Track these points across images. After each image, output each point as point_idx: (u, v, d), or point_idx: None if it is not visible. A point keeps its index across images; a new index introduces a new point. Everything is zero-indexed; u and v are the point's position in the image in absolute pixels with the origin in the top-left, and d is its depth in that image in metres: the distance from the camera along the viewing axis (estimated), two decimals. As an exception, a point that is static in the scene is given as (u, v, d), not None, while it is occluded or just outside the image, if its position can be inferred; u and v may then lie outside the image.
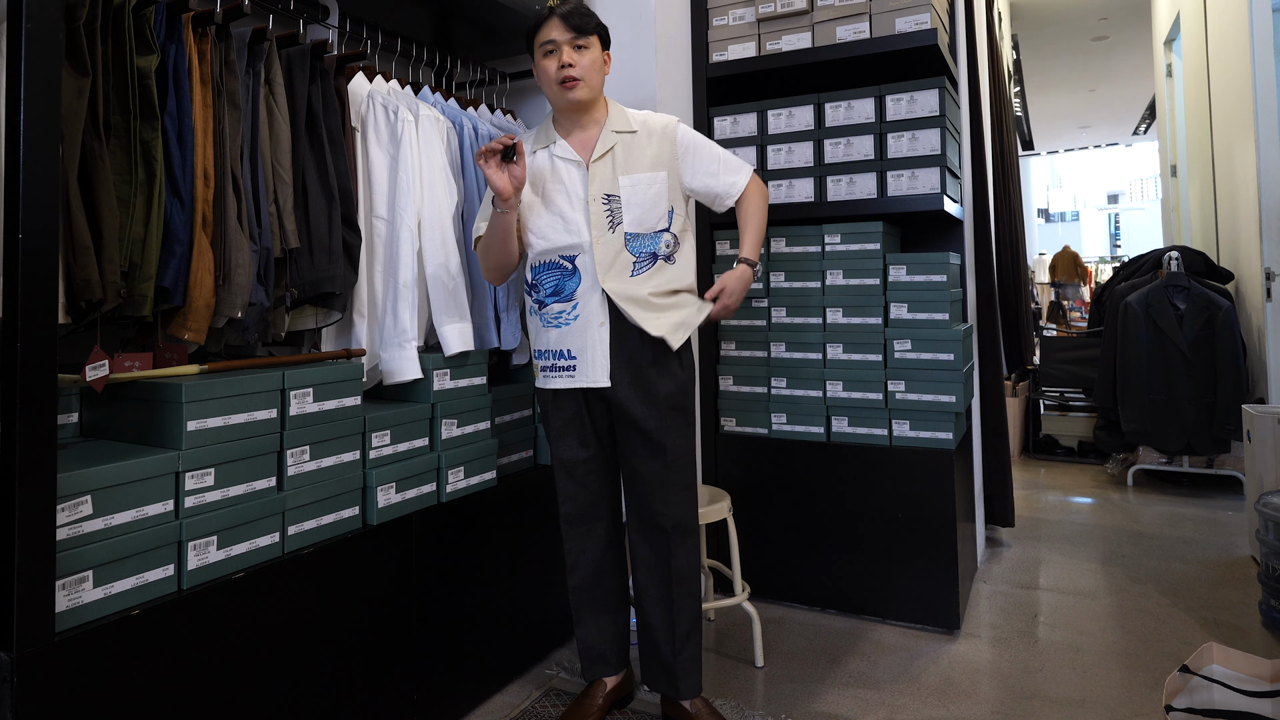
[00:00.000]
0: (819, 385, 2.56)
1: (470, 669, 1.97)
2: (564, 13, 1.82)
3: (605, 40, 1.91)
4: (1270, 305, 3.48)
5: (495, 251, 1.85)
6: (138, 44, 1.44)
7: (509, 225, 1.82)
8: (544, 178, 1.88)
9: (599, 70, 1.87)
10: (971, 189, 3.11)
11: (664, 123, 1.92)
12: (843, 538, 2.52)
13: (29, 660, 1.14)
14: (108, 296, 1.38)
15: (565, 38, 1.82)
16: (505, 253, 1.86)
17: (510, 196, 1.76)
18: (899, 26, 2.48)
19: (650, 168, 1.86)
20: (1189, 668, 1.79)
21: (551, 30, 1.83)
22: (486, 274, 1.94)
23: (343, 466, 1.69)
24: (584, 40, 1.83)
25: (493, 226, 1.82)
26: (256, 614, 1.47)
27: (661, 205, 1.85)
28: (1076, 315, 8.59)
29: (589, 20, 1.84)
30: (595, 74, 1.85)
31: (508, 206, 1.78)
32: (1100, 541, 3.27)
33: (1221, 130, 4.45)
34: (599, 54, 1.87)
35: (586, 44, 1.84)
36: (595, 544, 1.93)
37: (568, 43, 1.82)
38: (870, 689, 2.08)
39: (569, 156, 1.87)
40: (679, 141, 1.91)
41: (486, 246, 1.87)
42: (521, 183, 1.78)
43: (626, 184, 1.84)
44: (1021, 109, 9.08)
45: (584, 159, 1.86)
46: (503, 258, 1.87)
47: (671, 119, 1.94)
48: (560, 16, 1.82)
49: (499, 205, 1.78)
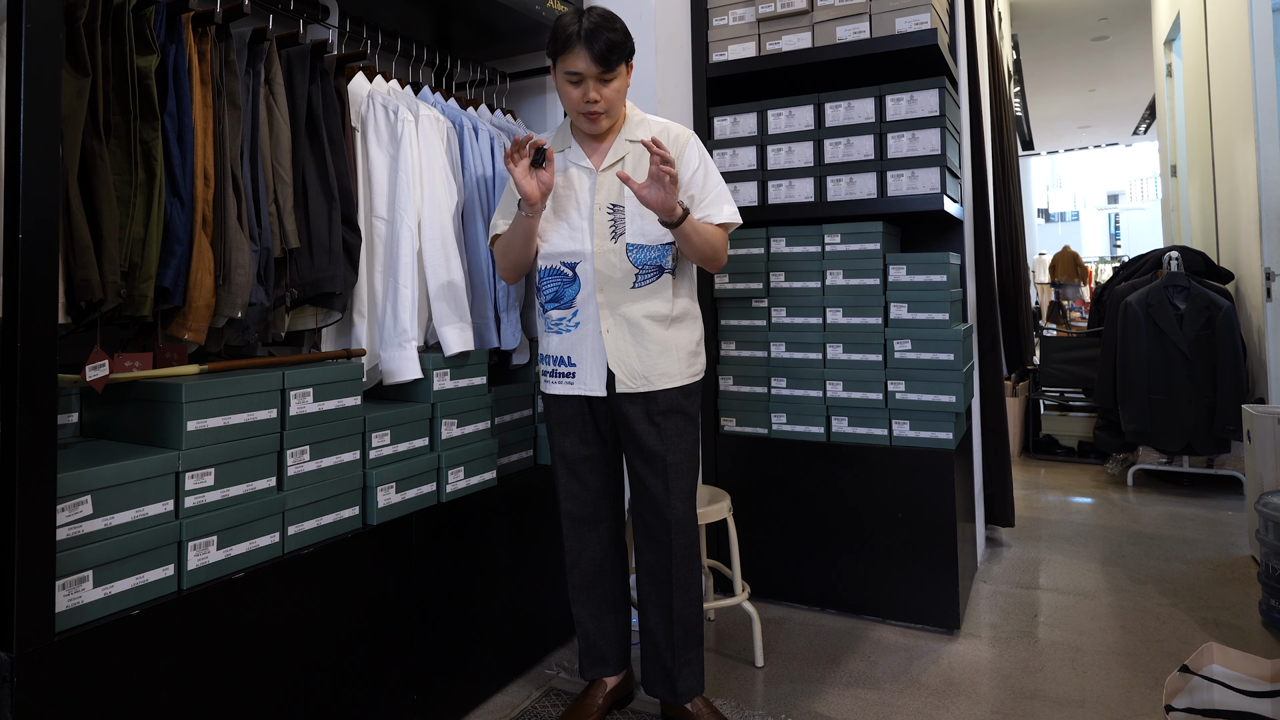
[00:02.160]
0: (819, 385, 2.56)
1: (470, 669, 1.97)
2: (595, 50, 1.68)
3: (631, 58, 1.80)
4: (1270, 305, 3.48)
5: (515, 253, 1.84)
6: (138, 44, 1.44)
7: (531, 229, 1.80)
8: (557, 184, 1.86)
9: (623, 94, 1.81)
10: (971, 189, 3.11)
11: (678, 134, 1.88)
12: (843, 538, 2.52)
13: (29, 660, 1.14)
14: (108, 296, 1.38)
15: (594, 72, 1.71)
16: (525, 254, 1.84)
17: (537, 201, 1.74)
18: (899, 26, 2.48)
19: None
20: (1189, 668, 1.79)
21: (578, 61, 1.70)
22: (503, 273, 1.91)
23: (343, 466, 1.69)
24: (612, 74, 1.74)
25: (515, 228, 1.81)
26: (256, 614, 1.47)
27: None
28: (1076, 315, 8.59)
29: (617, 53, 1.71)
30: (619, 101, 1.80)
31: (533, 211, 1.76)
32: (1100, 541, 3.27)
33: (1221, 130, 4.45)
34: (625, 79, 1.79)
35: (614, 75, 1.74)
36: (596, 543, 1.93)
37: (595, 77, 1.73)
38: (870, 689, 2.08)
39: (582, 163, 1.85)
40: (686, 155, 1.86)
41: (506, 246, 1.85)
42: (549, 188, 1.74)
43: (631, 195, 1.81)
44: (1021, 109, 9.08)
45: (595, 166, 1.84)
46: (522, 258, 1.85)
47: (688, 132, 1.90)
48: (588, 49, 1.68)
49: (524, 209, 1.76)
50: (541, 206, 1.77)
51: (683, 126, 1.93)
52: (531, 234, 1.81)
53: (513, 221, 1.82)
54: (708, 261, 1.85)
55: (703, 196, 1.85)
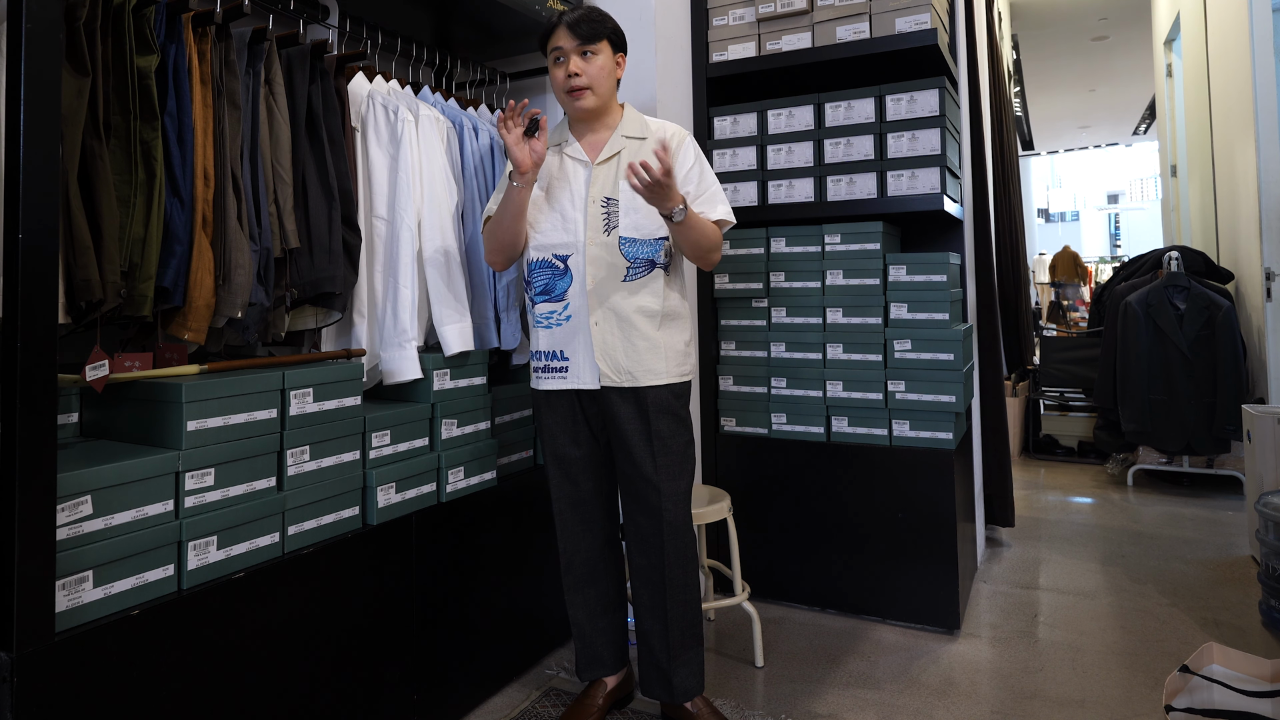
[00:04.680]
0: (819, 385, 2.56)
1: (470, 669, 1.97)
2: (570, 20, 1.80)
3: (617, 44, 1.88)
4: (1270, 305, 3.48)
5: (504, 230, 1.83)
6: (138, 44, 1.44)
7: (522, 203, 1.80)
8: (551, 175, 1.88)
9: (609, 76, 1.85)
10: (971, 189, 3.11)
11: (674, 132, 1.90)
12: (843, 538, 2.52)
13: (29, 660, 1.14)
14: (108, 296, 1.38)
15: (572, 45, 1.80)
16: (514, 232, 1.83)
17: (528, 170, 1.75)
18: (899, 26, 2.48)
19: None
20: (1189, 668, 1.79)
21: (560, 38, 1.81)
22: (490, 256, 1.91)
23: (343, 466, 1.69)
24: (592, 47, 1.81)
25: (506, 201, 1.81)
26: (256, 614, 1.47)
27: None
28: (1076, 315, 8.59)
29: (598, 27, 1.82)
30: (604, 80, 1.84)
31: (524, 181, 1.77)
32: (1100, 541, 3.27)
33: (1221, 130, 4.45)
34: (609, 59, 1.85)
35: (595, 50, 1.82)
36: (590, 544, 1.93)
37: (574, 50, 1.80)
38: (870, 689, 2.08)
39: (578, 156, 1.87)
40: (682, 154, 1.87)
41: (496, 224, 1.85)
42: (541, 159, 1.77)
43: (626, 188, 1.82)
44: (1021, 109, 9.08)
45: (591, 159, 1.86)
46: (510, 236, 1.84)
47: (684, 132, 1.93)
48: (567, 24, 1.80)
49: (515, 179, 1.77)
50: (532, 178, 1.78)
51: (679, 127, 1.94)
52: (522, 210, 1.81)
53: (504, 194, 1.82)
54: (702, 256, 1.85)
55: (698, 194, 1.87)
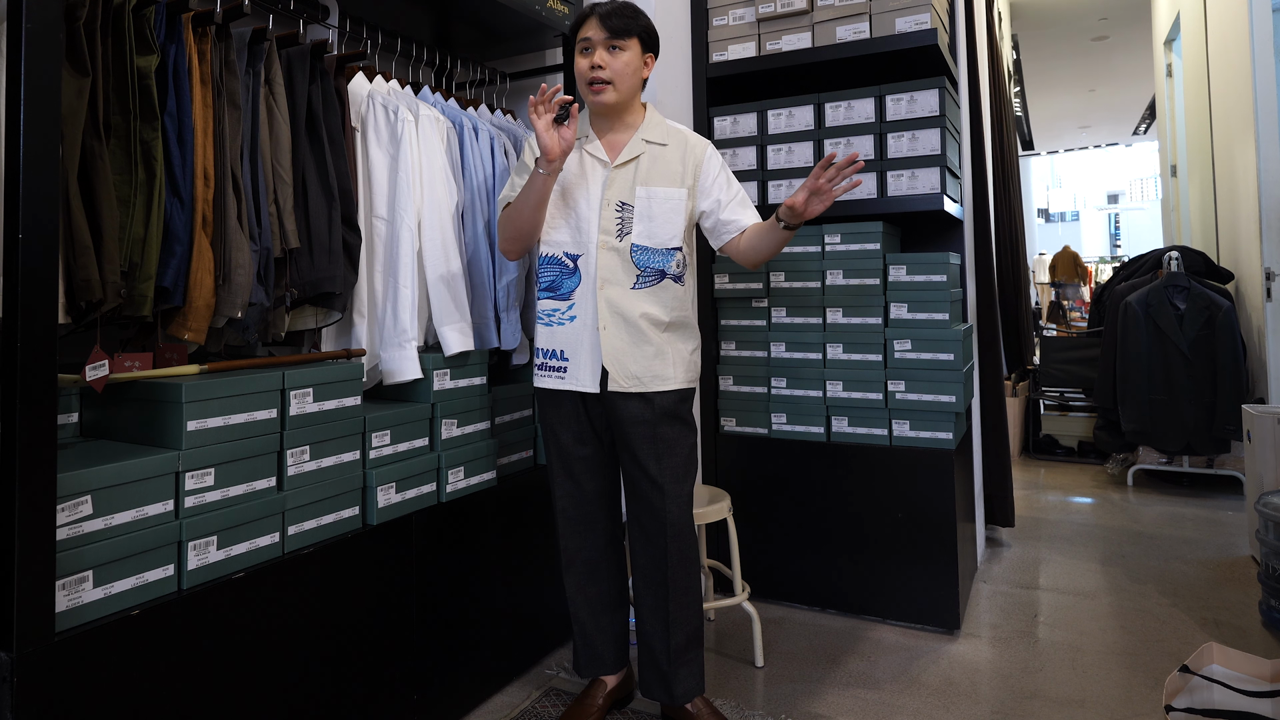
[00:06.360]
0: (819, 385, 2.56)
1: (470, 669, 1.97)
2: (604, 12, 1.78)
3: (648, 44, 1.85)
4: (1270, 305, 3.48)
5: (524, 219, 1.81)
6: (138, 44, 1.44)
7: (545, 192, 1.77)
8: (570, 171, 1.86)
9: (634, 74, 1.82)
10: (971, 189, 3.11)
11: (695, 143, 1.90)
12: (843, 538, 2.52)
13: (29, 660, 1.14)
14: (108, 296, 1.38)
15: (600, 38, 1.78)
16: (533, 221, 1.81)
17: (556, 159, 1.72)
18: (899, 26, 2.48)
19: (671, 183, 1.84)
20: (1189, 668, 1.79)
21: (590, 28, 1.80)
22: (505, 244, 1.88)
23: (343, 466, 1.69)
24: (621, 42, 1.79)
25: (528, 189, 1.77)
26: (256, 614, 1.47)
27: (676, 222, 1.83)
28: (1076, 315, 8.59)
29: (630, 22, 1.79)
30: (628, 78, 1.81)
31: (551, 169, 1.73)
32: (1100, 541, 3.27)
33: (1221, 130, 4.45)
34: (637, 57, 1.82)
35: (624, 46, 1.79)
36: (592, 544, 1.93)
37: (602, 43, 1.78)
38: (870, 689, 2.08)
39: (598, 155, 1.85)
40: (705, 164, 1.88)
41: (515, 211, 1.82)
42: (570, 146, 1.73)
43: (643, 195, 1.81)
44: (1021, 109, 9.08)
45: (610, 160, 1.84)
46: (529, 225, 1.82)
47: (705, 141, 1.93)
48: (599, 16, 1.78)
49: (542, 166, 1.73)
50: (559, 166, 1.74)
51: (700, 136, 1.95)
52: (544, 199, 1.78)
53: (527, 181, 1.78)
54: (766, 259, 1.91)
55: (728, 201, 1.89)
